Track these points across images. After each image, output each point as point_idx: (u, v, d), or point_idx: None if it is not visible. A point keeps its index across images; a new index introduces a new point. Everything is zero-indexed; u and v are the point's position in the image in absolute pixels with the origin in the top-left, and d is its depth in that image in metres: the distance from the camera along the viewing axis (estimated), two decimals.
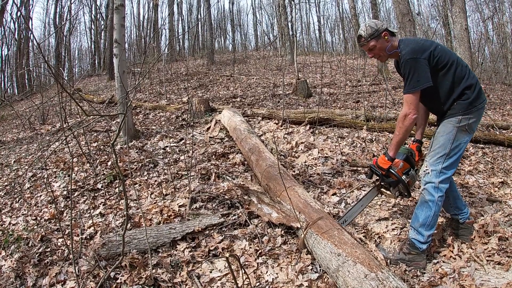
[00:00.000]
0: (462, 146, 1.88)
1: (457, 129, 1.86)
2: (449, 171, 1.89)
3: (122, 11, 4.37)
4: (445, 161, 1.87)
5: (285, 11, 13.02)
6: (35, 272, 2.07)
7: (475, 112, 1.86)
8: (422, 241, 1.90)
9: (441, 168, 1.87)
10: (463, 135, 1.87)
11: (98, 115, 1.64)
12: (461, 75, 1.87)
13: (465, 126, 1.85)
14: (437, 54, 1.85)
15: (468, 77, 1.88)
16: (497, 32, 14.87)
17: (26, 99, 11.14)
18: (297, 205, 2.22)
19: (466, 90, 1.86)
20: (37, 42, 1.23)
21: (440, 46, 1.92)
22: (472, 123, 1.87)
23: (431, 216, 1.88)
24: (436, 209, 1.87)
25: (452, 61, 1.86)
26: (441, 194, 1.88)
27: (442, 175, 1.87)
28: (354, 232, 2.25)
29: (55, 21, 19.17)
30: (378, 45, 1.95)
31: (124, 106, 4.01)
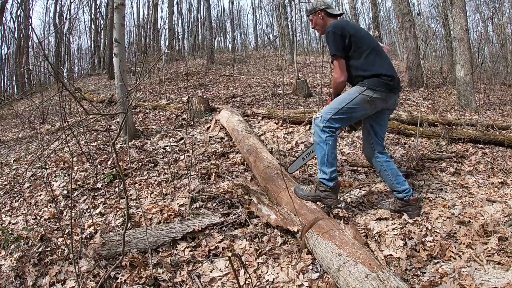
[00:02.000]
0: (356, 111, 2.18)
1: (358, 94, 2.16)
2: (335, 123, 2.19)
3: (122, 10, 4.37)
4: (336, 114, 2.18)
5: (285, 10, 13.02)
6: (35, 272, 2.07)
7: (383, 92, 2.15)
8: (327, 178, 2.21)
9: (329, 117, 2.18)
10: (363, 103, 2.16)
11: (99, 114, 1.64)
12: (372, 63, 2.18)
13: (368, 96, 2.15)
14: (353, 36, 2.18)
15: (382, 67, 2.19)
16: (497, 32, 14.90)
17: (25, 98, 11.13)
18: (292, 207, 2.22)
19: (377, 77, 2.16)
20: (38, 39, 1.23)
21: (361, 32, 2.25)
22: (376, 98, 2.15)
23: (326, 154, 2.17)
24: (327, 148, 2.17)
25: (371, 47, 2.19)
26: (328, 135, 2.17)
27: (327, 123, 2.18)
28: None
29: (55, 20, 19.15)
30: (314, 20, 2.39)
31: (125, 106, 4.00)
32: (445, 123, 4.62)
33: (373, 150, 2.37)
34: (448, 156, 3.47)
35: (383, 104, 2.22)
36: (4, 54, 16.38)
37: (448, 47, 12.39)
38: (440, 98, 6.93)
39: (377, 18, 10.74)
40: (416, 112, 5.44)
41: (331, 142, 2.17)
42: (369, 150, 2.39)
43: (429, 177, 3.05)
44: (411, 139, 4.15)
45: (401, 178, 2.36)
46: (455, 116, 5.31)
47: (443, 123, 4.57)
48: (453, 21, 6.36)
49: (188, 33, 22.50)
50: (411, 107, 6.04)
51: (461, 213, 2.39)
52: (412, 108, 5.90)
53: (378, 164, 2.37)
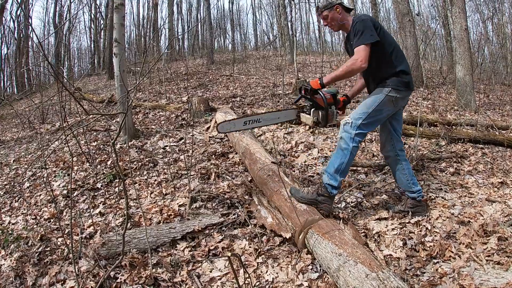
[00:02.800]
0: (383, 113, 2.16)
1: (384, 96, 2.12)
2: (365, 129, 2.15)
3: (122, 10, 4.36)
4: (366, 119, 2.12)
5: (285, 10, 13.03)
6: (34, 272, 2.07)
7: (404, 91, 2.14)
8: (335, 185, 2.15)
9: (360, 123, 2.11)
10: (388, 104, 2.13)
11: (99, 114, 1.64)
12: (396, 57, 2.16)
13: (392, 96, 2.12)
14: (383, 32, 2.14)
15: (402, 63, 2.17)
16: (497, 32, 14.90)
17: (25, 98, 11.12)
18: (284, 210, 2.22)
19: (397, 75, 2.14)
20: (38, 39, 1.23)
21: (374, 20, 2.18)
22: (400, 97, 2.14)
23: (345, 163, 2.12)
24: (349, 158, 2.12)
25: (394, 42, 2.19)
26: (355, 144, 2.12)
27: (358, 130, 2.11)
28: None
29: (54, 20, 19.14)
30: (330, 15, 2.22)
31: (124, 105, 4.00)
32: (444, 123, 4.63)
33: (394, 148, 2.34)
34: (447, 156, 3.47)
35: (403, 103, 2.27)
36: (4, 54, 16.39)
37: (448, 47, 12.40)
38: (440, 98, 6.93)
39: (377, 18, 10.73)
40: (416, 112, 5.44)
41: (355, 153, 2.14)
42: (391, 148, 2.36)
43: (428, 177, 3.05)
44: (411, 139, 4.15)
45: (415, 178, 2.37)
46: (454, 116, 5.31)
47: (442, 123, 4.57)
48: (453, 21, 6.36)
49: (188, 33, 22.51)
50: (411, 107, 6.04)
51: (460, 213, 2.39)
52: (412, 108, 5.90)
53: (398, 162, 2.34)
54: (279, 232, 2.18)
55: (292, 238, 2.11)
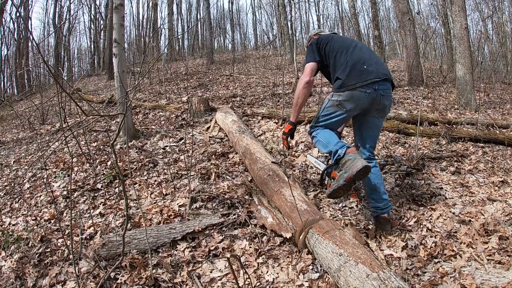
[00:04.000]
0: (332, 115, 2.19)
1: (328, 100, 2.20)
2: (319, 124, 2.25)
3: (122, 10, 4.36)
4: (317, 120, 2.26)
5: (285, 10, 13.01)
6: (35, 273, 2.07)
7: (345, 92, 2.08)
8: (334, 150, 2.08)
9: (314, 124, 2.28)
10: (334, 106, 2.16)
11: (98, 115, 1.64)
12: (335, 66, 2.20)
13: (335, 100, 2.14)
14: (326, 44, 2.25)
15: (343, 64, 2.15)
16: (497, 31, 14.89)
17: (25, 99, 11.12)
18: (284, 210, 2.21)
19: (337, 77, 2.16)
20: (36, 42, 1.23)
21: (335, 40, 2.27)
22: (342, 100, 2.11)
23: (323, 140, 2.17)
24: (321, 136, 2.20)
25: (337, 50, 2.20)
26: (314, 130, 2.25)
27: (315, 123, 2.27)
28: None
29: (54, 21, 19.13)
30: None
31: (124, 106, 4.00)
32: (445, 122, 4.62)
33: (364, 152, 2.30)
34: (448, 155, 3.46)
35: (355, 105, 2.10)
36: (4, 55, 16.39)
37: (448, 46, 12.38)
38: (440, 97, 6.92)
39: (377, 17, 10.73)
40: (416, 111, 5.43)
41: (322, 132, 2.21)
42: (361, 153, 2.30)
43: (429, 176, 3.05)
44: (411, 138, 4.14)
45: (380, 196, 2.23)
46: (455, 115, 5.30)
47: (443, 122, 4.56)
48: (453, 20, 6.35)
49: (188, 33, 22.49)
50: (411, 106, 6.03)
51: (461, 212, 2.39)
52: (412, 107, 5.90)
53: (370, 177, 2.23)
54: (279, 232, 2.17)
55: (293, 238, 2.11)
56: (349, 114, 2.18)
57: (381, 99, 2.09)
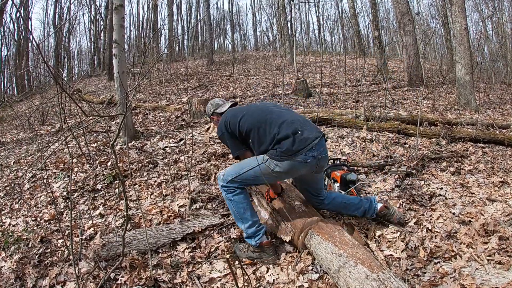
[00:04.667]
0: (260, 179, 1.99)
1: (262, 163, 1.92)
2: (236, 184, 2.02)
3: (122, 11, 4.36)
4: (238, 177, 2.00)
5: (285, 11, 13.02)
6: (35, 273, 2.07)
7: (284, 162, 1.88)
8: (246, 236, 2.03)
9: (230, 179, 2.01)
10: (266, 173, 1.94)
11: (98, 116, 1.63)
12: (263, 139, 1.97)
13: (270, 168, 1.91)
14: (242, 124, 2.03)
15: (276, 135, 1.93)
16: (497, 31, 14.90)
17: (25, 99, 11.13)
18: (283, 211, 2.21)
19: (274, 148, 1.93)
20: (36, 43, 1.23)
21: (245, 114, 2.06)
22: (279, 171, 1.91)
23: (235, 211, 2.02)
24: (234, 204, 2.01)
25: (250, 129, 2.00)
26: (229, 192, 2.03)
27: (229, 183, 2.02)
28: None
29: (54, 21, 19.14)
30: (214, 122, 2.40)
31: (124, 107, 4.00)
32: (445, 122, 4.62)
33: (313, 203, 2.29)
34: (448, 155, 3.46)
35: (292, 175, 2.06)
36: (4, 56, 16.40)
37: (447, 46, 12.40)
38: (440, 98, 6.93)
39: (377, 17, 10.74)
40: (416, 111, 5.43)
41: (234, 197, 2.02)
42: (310, 201, 2.30)
43: (429, 176, 3.05)
44: (411, 138, 4.14)
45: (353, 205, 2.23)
46: (455, 116, 5.31)
47: (443, 123, 4.57)
48: (453, 20, 6.36)
49: (188, 34, 22.51)
50: (411, 106, 6.04)
51: (461, 212, 2.39)
52: (412, 108, 5.90)
53: (326, 209, 2.33)
54: (278, 235, 2.18)
55: (292, 240, 2.10)
56: (282, 180, 2.13)
57: (318, 162, 1.98)
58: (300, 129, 1.94)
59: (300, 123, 1.99)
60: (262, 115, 2.04)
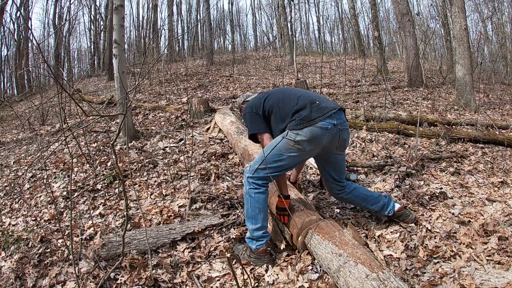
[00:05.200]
0: (284, 158, 1.94)
1: (282, 139, 1.95)
2: (262, 173, 1.96)
3: (122, 11, 4.37)
4: (262, 163, 1.96)
5: (285, 11, 13.03)
6: (35, 273, 2.07)
7: (304, 129, 1.90)
8: (249, 236, 2.00)
9: (257, 168, 1.98)
10: (288, 148, 1.93)
11: (98, 116, 1.64)
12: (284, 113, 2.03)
13: (291, 140, 1.91)
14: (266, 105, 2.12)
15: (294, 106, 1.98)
16: (496, 32, 14.92)
17: (25, 99, 11.13)
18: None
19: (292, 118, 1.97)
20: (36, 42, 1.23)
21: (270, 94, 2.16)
22: (301, 140, 1.90)
23: (250, 208, 1.97)
24: (251, 201, 1.96)
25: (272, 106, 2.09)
26: (252, 187, 1.97)
27: (255, 173, 1.98)
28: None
29: (54, 21, 19.14)
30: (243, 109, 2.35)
31: (124, 107, 4.00)
32: (444, 122, 4.63)
33: (332, 189, 2.26)
34: (448, 155, 3.47)
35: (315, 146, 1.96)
36: (4, 56, 16.40)
37: (447, 46, 12.41)
38: (439, 98, 6.93)
39: (376, 18, 10.74)
40: (415, 112, 5.44)
41: (255, 196, 1.97)
42: (329, 188, 2.28)
43: (429, 177, 3.05)
44: (410, 139, 4.15)
45: (373, 199, 2.24)
46: (454, 116, 5.31)
47: (442, 123, 4.57)
48: (453, 21, 6.37)
49: (188, 34, 22.52)
50: (410, 106, 6.04)
51: (461, 212, 2.39)
52: (411, 108, 5.91)
53: (344, 199, 2.28)
54: (274, 241, 2.19)
55: (291, 240, 2.10)
56: (305, 156, 2.05)
57: (340, 134, 1.98)
58: (317, 100, 2.00)
59: (318, 97, 2.06)
60: (284, 93, 2.14)
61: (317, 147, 1.97)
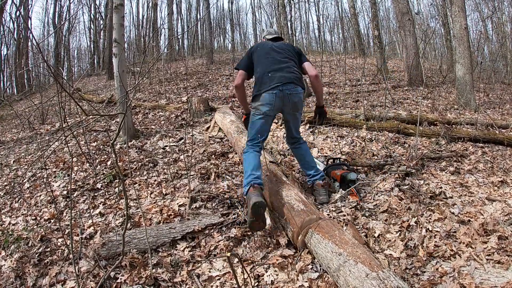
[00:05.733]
0: (255, 122, 2.55)
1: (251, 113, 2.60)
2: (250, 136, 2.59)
3: (122, 10, 4.36)
4: (248, 132, 2.63)
5: (284, 10, 13.01)
6: (35, 272, 2.07)
7: (257, 97, 2.50)
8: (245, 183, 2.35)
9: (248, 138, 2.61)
10: (254, 114, 2.56)
11: (98, 115, 1.64)
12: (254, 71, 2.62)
13: (253, 108, 2.56)
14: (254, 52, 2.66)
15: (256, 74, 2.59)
16: (497, 31, 14.91)
17: (25, 99, 11.12)
18: (282, 211, 2.22)
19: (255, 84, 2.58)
20: (36, 42, 1.23)
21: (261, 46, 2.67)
22: (257, 105, 2.51)
23: (245, 166, 2.44)
24: (246, 158, 2.48)
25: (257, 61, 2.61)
26: (246, 150, 2.54)
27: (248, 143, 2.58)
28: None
29: (54, 20, 19.13)
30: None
31: (124, 106, 4.00)
32: (444, 122, 4.63)
33: (288, 140, 2.85)
34: (447, 155, 3.47)
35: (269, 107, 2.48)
36: (3, 55, 16.38)
37: (447, 46, 12.39)
38: (439, 97, 6.93)
39: (376, 17, 10.73)
40: (415, 111, 5.44)
41: (247, 157, 2.47)
42: (287, 138, 2.87)
43: (428, 176, 3.05)
44: (410, 138, 4.15)
45: (308, 164, 2.73)
46: (454, 115, 5.31)
47: (442, 122, 4.57)
48: (453, 20, 6.36)
49: (188, 33, 22.49)
50: (410, 106, 6.04)
51: (461, 212, 2.39)
52: (411, 107, 5.91)
53: (293, 152, 2.88)
54: (276, 238, 2.18)
55: (292, 239, 2.11)
56: (267, 117, 2.53)
57: (289, 97, 2.49)
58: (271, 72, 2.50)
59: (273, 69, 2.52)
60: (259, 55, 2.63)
61: (271, 108, 2.49)
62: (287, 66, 2.56)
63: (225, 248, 2.17)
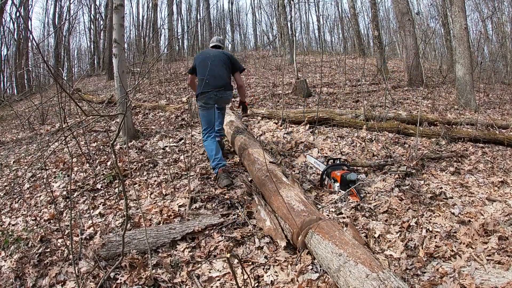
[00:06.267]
0: (203, 115, 3.27)
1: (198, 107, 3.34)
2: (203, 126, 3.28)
3: (122, 11, 4.36)
4: (201, 124, 3.31)
5: (284, 10, 13.01)
6: (35, 273, 2.07)
7: (200, 96, 3.21)
8: (212, 166, 3.10)
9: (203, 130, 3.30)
10: (200, 111, 3.29)
11: (98, 115, 1.64)
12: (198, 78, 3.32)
13: (198, 106, 3.31)
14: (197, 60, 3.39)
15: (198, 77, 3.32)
16: (496, 31, 14.91)
17: (25, 99, 11.12)
18: (281, 211, 2.21)
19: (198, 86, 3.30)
20: (36, 42, 1.23)
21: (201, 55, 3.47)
22: (200, 105, 3.25)
23: (208, 152, 3.20)
24: (206, 145, 3.22)
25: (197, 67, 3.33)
26: (204, 139, 3.25)
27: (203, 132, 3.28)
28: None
29: (54, 21, 19.12)
30: None
31: (124, 106, 4.00)
32: (444, 122, 4.62)
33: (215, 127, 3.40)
34: (448, 155, 3.46)
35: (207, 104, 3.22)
36: (3, 55, 16.38)
37: (447, 46, 12.39)
38: (439, 97, 6.93)
39: (376, 17, 10.74)
40: (415, 111, 5.44)
41: (207, 145, 3.20)
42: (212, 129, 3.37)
43: (429, 176, 3.05)
44: (410, 138, 4.14)
45: (214, 156, 3.08)
46: (454, 115, 5.31)
47: (442, 122, 4.57)
48: (453, 20, 6.36)
49: (188, 33, 22.48)
50: (410, 106, 6.04)
51: (461, 212, 2.39)
52: (411, 108, 5.90)
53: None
54: (275, 239, 2.18)
55: (290, 242, 2.10)
56: (209, 110, 3.24)
57: (219, 97, 3.22)
58: (207, 79, 3.14)
59: (207, 76, 3.14)
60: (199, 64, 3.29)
61: (207, 106, 3.23)
62: (218, 74, 3.21)
63: (225, 248, 2.17)
